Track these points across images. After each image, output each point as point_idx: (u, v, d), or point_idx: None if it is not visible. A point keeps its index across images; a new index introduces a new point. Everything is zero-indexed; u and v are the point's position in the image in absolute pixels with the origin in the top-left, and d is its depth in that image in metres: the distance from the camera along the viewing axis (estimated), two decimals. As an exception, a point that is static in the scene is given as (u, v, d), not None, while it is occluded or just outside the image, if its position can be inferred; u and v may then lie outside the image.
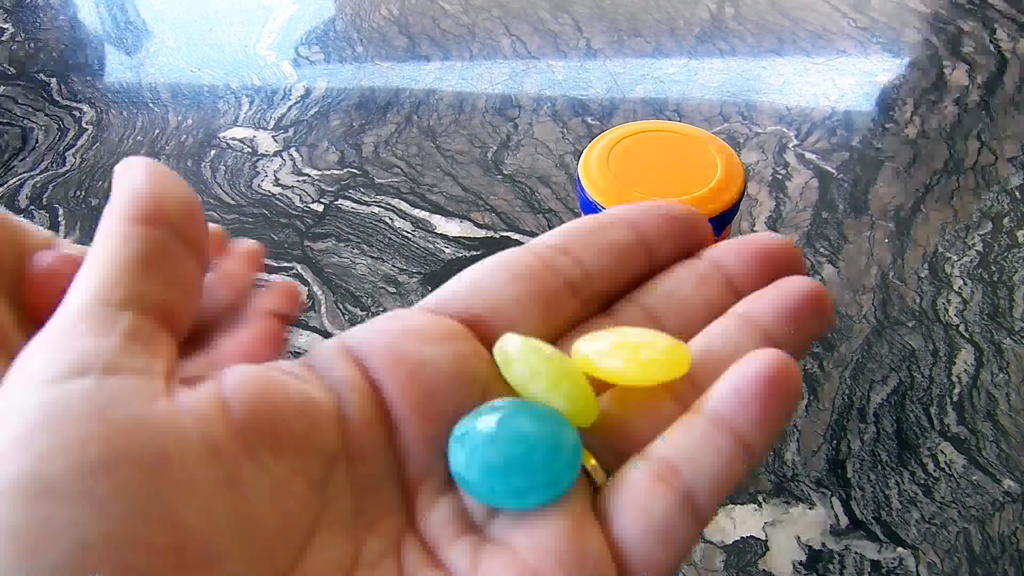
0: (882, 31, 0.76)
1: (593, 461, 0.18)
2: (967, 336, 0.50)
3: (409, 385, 0.18)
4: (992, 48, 0.73)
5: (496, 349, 0.18)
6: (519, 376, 0.18)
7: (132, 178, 0.18)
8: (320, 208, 0.60)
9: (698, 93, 0.69)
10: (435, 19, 0.79)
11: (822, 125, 0.65)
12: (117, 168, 0.19)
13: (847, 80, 0.70)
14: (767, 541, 0.41)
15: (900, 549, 0.41)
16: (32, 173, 0.64)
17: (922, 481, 0.43)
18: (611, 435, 0.18)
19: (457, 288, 0.20)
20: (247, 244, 0.27)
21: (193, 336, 0.23)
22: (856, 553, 0.41)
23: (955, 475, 0.44)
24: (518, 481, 0.16)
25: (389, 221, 0.58)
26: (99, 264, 0.17)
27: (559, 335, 0.20)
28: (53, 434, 0.14)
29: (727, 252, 0.20)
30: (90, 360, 0.15)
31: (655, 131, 0.42)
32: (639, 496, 0.17)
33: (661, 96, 0.69)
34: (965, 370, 0.48)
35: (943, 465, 0.44)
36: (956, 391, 0.47)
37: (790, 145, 0.64)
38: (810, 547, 0.41)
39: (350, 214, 0.59)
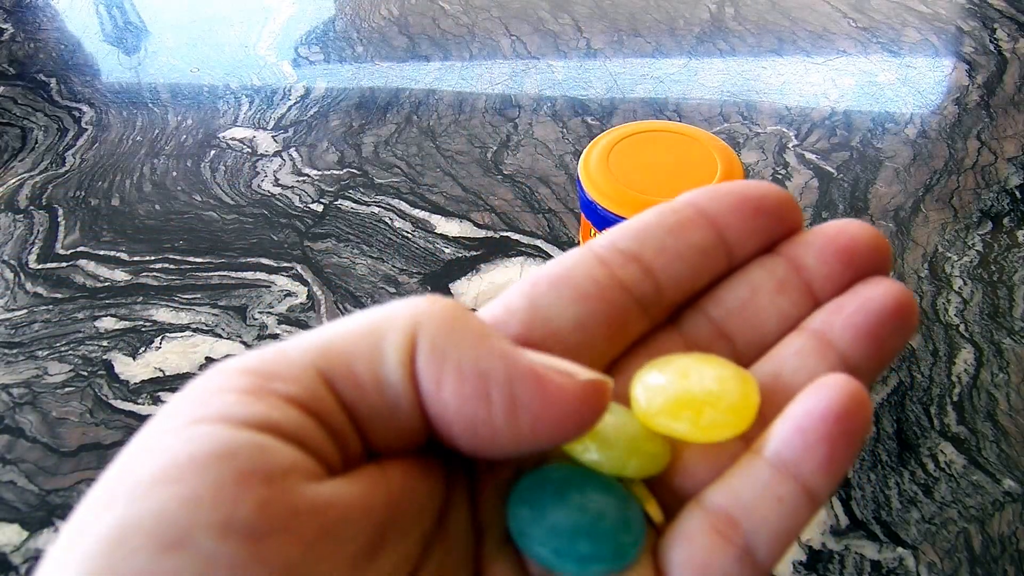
0: (882, 31, 0.76)
1: (652, 501, 0.17)
2: (967, 336, 0.50)
3: None
4: (992, 48, 0.73)
5: None
6: (578, 457, 0.17)
7: (525, 368, 0.15)
8: (320, 208, 0.60)
9: (698, 93, 0.69)
10: (435, 19, 0.79)
11: (822, 125, 0.65)
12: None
13: (847, 80, 0.70)
14: (767, 541, 0.41)
15: (900, 549, 0.41)
16: (31, 173, 0.64)
17: (922, 481, 0.43)
18: (672, 473, 0.17)
19: (516, 306, 0.18)
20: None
21: None
22: (856, 553, 0.41)
23: (955, 475, 0.44)
24: (583, 549, 0.16)
25: (389, 221, 0.58)
26: (357, 348, 0.15)
27: (621, 354, 0.19)
28: (210, 477, 0.13)
29: (808, 250, 0.18)
30: (280, 422, 0.14)
31: (655, 131, 0.42)
32: (698, 551, 0.16)
33: (661, 96, 0.69)
34: (965, 370, 0.48)
35: (943, 465, 0.44)
36: (956, 391, 0.47)
37: (790, 145, 0.64)
38: (810, 547, 0.41)
39: (350, 214, 0.59)
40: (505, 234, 0.57)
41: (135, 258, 0.57)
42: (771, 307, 0.18)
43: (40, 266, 0.57)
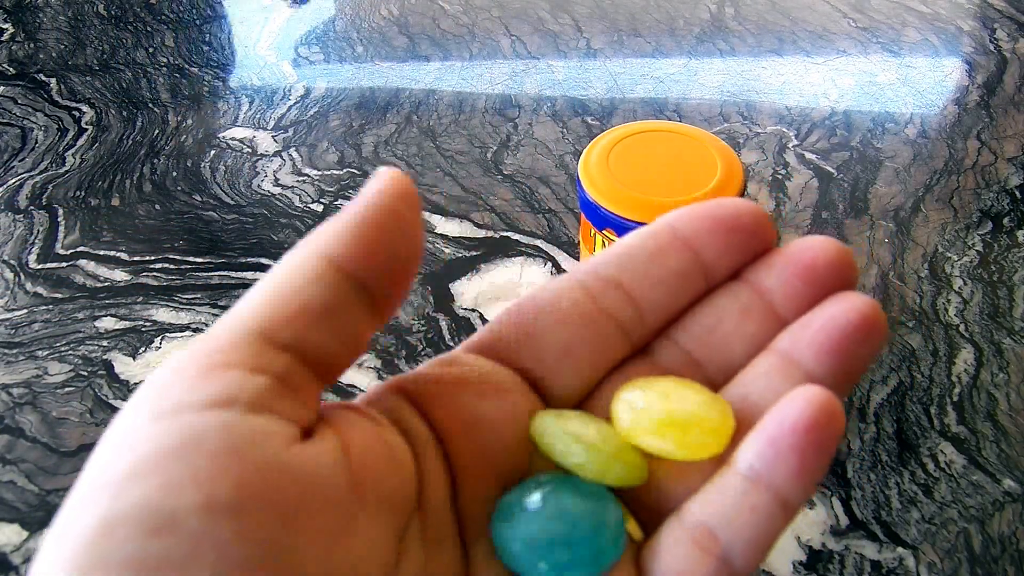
0: (882, 31, 0.76)
1: (631, 519, 0.18)
2: (967, 336, 0.50)
3: (466, 443, 0.18)
4: (992, 48, 0.73)
5: (533, 431, 0.18)
6: (562, 460, 0.17)
7: (367, 205, 0.16)
8: (320, 208, 0.60)
9: (698, 93, 0.69)
10: (435, 19, 0.79)
11: (822, 125, 0.65)
12: (374, 174, 0.17)
13: (847, 80, 0.70)
14: (767, 541, 0.41)
15: (900, 549, 0.41)
16: (32, 173, 0.64)
17: (922, 481, 0.43)
18: (649, 490, 0.18)
19: (505, 331, 0.19)
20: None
21: None
22: (856, 553, 0.41)
23: (955, 475, 0.44)
24: (560, 557, 0.16)
25: (389, 221, 0.58)
26: (275, 295, 0.16)
27: (603, 379, 0.19)
28: (184, 464, 0.13)
29: (771, 272, 0.19)
30: (236, 394, 0.14)
31: (655, 131, 0.42)
32: (678, 563, 0.16)
33: (661, 96, 0.69)
34: (965, 370, 0.48)
35: (943, 465, 0.44)
36: (956, 391, 0.47)
37: (790, 145, 0.64)
38: (810, 547, 0.41)
39: (350, 214, 0.59)
40: (505, 234, 0.57)
41: (135, 258, 0.57)
42: (737, 332, 0.19)
43: (40, 266, 0.57)
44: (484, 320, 0.52)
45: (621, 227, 0.39)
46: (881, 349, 0.20)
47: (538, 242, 0.57)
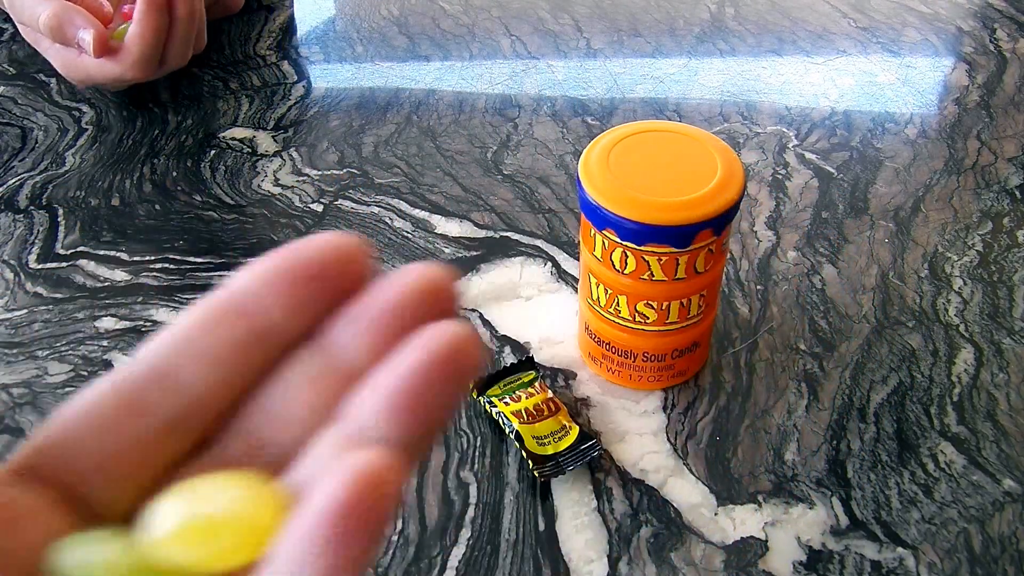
0: (882, 31, 0.76)
1: None
2: (967, 336, 0.50)
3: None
4: (992, 48, 0.73)
5: (52, 565, 0.15)
6: None
7: None
8: (320, 208, 0.60)
9: (698, 93, 0.69)
10: (435, 19, 0.79)
11: (822, 125, 0.65)
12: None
13: (847, 80, 0.70)
14: (767, 541, 0.41)
15: (900, 549, 0.41)
16: (32, 173, 0.64)
17: (922, 481, 0.43)
18: None
19: (44, 446, 0.17)
20: None
21: None
22: (856, 553, 0.41)
23: (955, 475, 0.44)
24: None
25: (389, 221, 0.58)
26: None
27: (157, 479, 0.17)
28: None
29: (347, 327, 0.17)
30: None
31: (655, 131, 0.42)
32: None
33: (661, 96, 0.69)
34: (965, 370, 0.48)
35: (943, 465, 0.44)
36: (956, 391, 0.47)
37: (790, 145, 0.64)
38: (810, 547, 0.41)
39: (350, 214, 0.59)
40: (505, 234, 0.57)
41: (135, 258, 0.57)
42: (303, 405, 0.17)
43: (40, 266, 0.57)
44: (484, 320, 0.52)
45: (621, 227, 0.39)
46: (471, 381, 0.18)
47: (538, 242, 0.57)
